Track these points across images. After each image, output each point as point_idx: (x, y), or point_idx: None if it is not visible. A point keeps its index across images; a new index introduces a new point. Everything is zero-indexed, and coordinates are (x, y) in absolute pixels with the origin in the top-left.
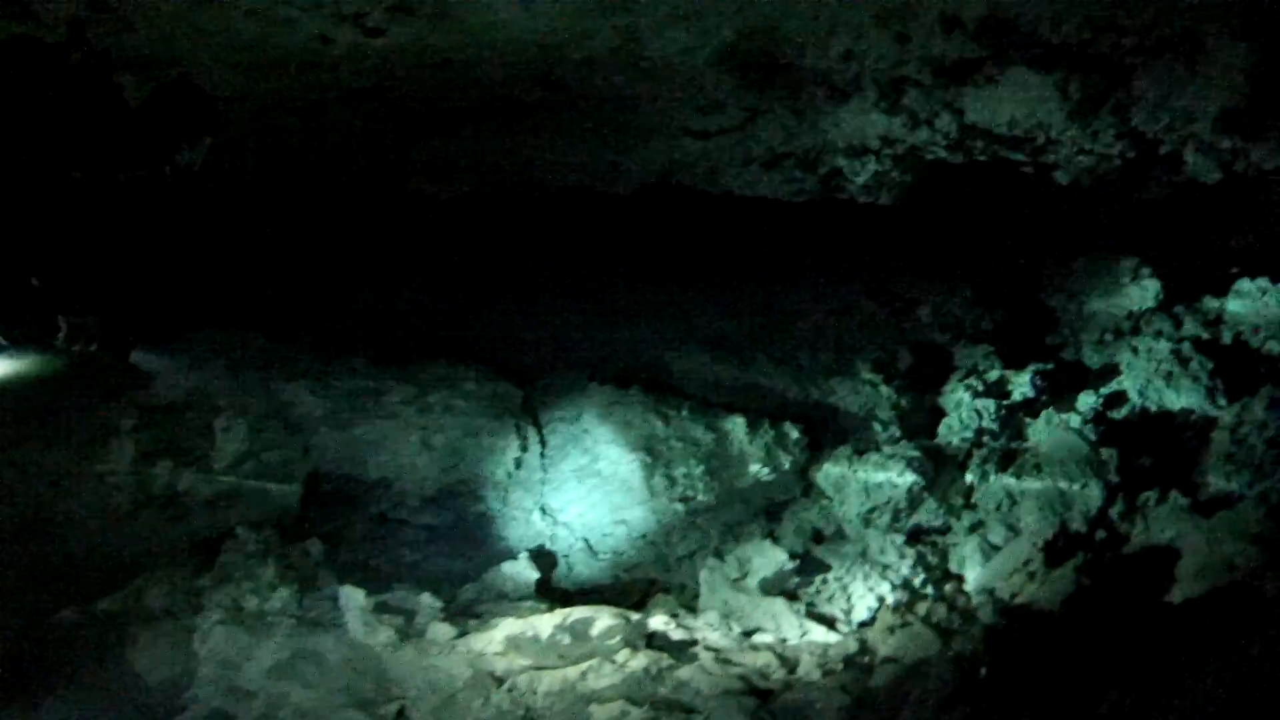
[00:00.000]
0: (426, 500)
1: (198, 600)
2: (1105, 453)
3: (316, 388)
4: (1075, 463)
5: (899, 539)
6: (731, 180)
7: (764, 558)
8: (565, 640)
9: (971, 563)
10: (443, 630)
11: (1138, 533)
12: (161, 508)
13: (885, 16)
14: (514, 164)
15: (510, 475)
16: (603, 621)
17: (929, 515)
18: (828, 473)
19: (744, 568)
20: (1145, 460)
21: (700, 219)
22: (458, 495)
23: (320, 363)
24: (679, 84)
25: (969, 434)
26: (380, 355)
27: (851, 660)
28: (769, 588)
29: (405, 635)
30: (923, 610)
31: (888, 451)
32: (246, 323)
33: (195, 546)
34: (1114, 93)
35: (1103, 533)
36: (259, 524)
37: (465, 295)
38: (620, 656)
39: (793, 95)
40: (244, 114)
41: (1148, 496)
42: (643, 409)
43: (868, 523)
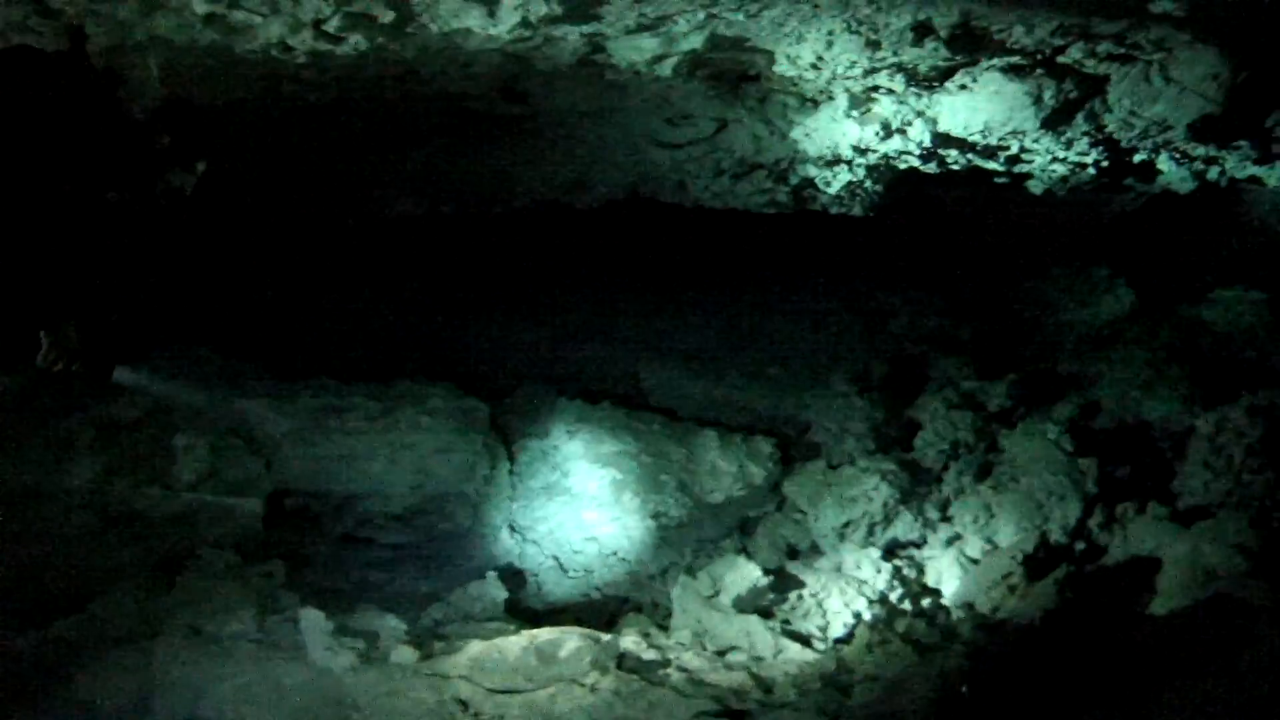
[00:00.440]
0: (393, 519)
1: (156, 623)
2: (1083, 463)
3: (280, 404)
4: (1053, 474)
5: (875, 553)
6: (701, 192)
7: (737, 574)
8: (533, 663)
9: (949, 576)
10: (406, 653)
11: (1117, 544)
12: (121, 527)
13: (855, 24)
14: (480, 179)
15: (479, 492)
16: (571, 643)
17: (905, 529)
18: (801, 487)
19: (717, 585)
20: (1123, 470)
21: (672, 233)
22: (425, 513)
23: (284, 379)
24: (647, 94)
25: (945, 446)
26: (346, 372)
27: (829, 679)
28: (743, 605)
29: (368, 659)
30: (901, 627)
31: (862, 465)
32: (206, 339)
33: (155, 567)
34: (1088, 101)
35: (1082, 544)
36: (220, 544)
37: (433, 312)
38: (590, 679)
39: (763, 105)
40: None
41: (1126, 507)
42: (613, 424)
43: (843, 537)
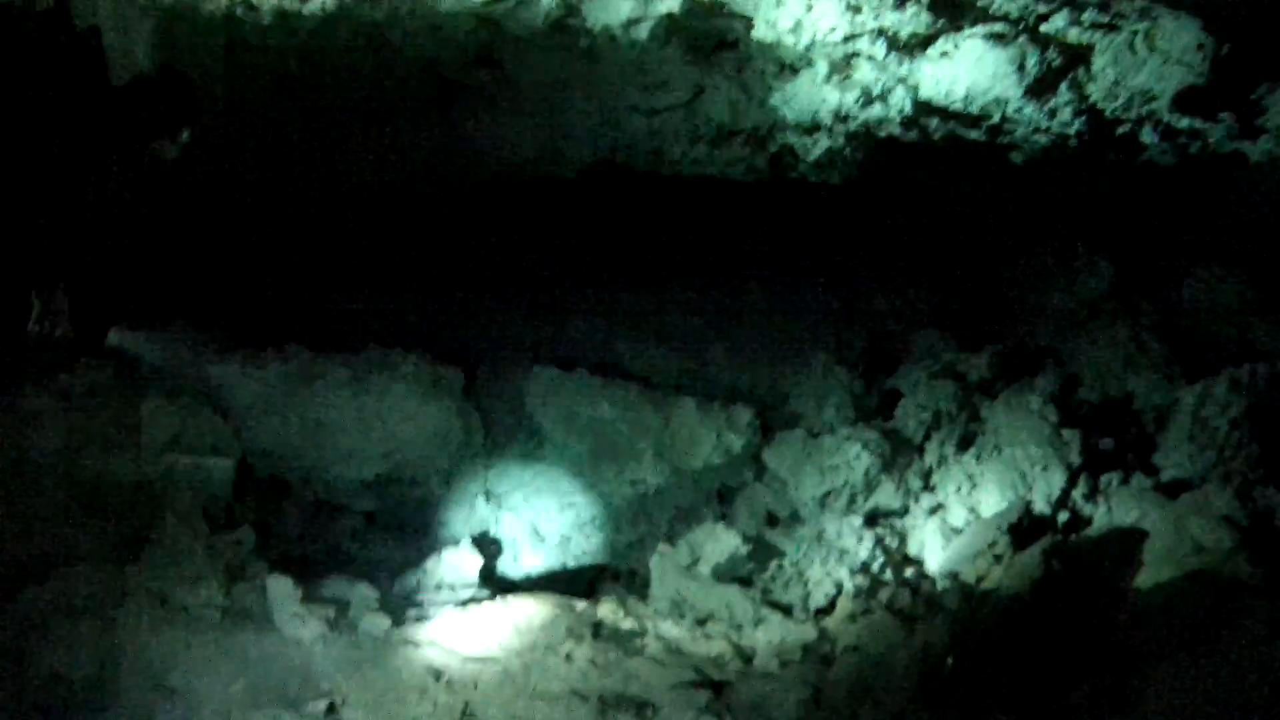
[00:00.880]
0: (364, 486)
1: (123, 593)
2: (1066, 434)
3: (250, 372)
4: (1036, 444)
5: (856, 522)
6: (678, 159)
7: (716, 543)
8: (508, 631)
9: (932, 546)
10: (378, 622)
11: (1101, 515)
12: (88, 496)
13: None
14: (452, 149)
15: (452, 461)
16: (547, 611)
17: (887, 498)
18: (781, 455)
19: (695, 553)
20: (1106, 442)
21: (650, 208)
22: (397, 481)
23: (254, 348)
24: (622, 61)
25: (926, 416)
26: (317, 342)
27: (810, 650)
28: (722, 574)
29: (337, 627)
30: (884, 597)
31: (843, 433)
32: (178, 307)
33: (122, 536)
34: (1071, 69)
35: (1066, 515)
36: (188, 512)
37: (406, 284)
38: (566, 648)
39: (740, 72)
40: None
41: (1110, 478)
42: (589, 392)
43: (823, 506)
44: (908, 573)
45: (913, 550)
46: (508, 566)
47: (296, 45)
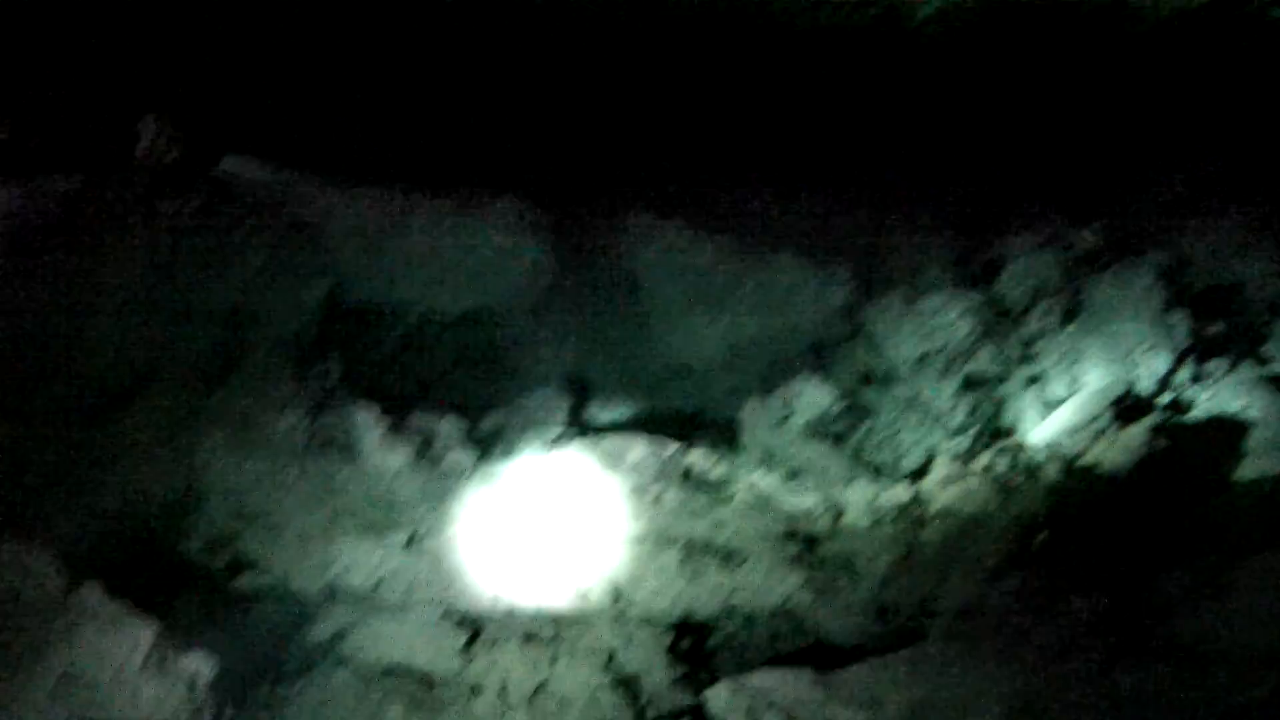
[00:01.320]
0: (454, 323)
1: (208, 419)
2: (1174, 315)
3: (345, 201)
4: (1142, 322)
5: (954, 385)
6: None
7: (810, 398)
8: (596, 469)
9: (1029, 416)
10: (463, 456)
11: (1205, 400)
12: (175, 321)
13: None
14: None
15: (544, 301)
16: (638, 450)
17: (985, 364)
18: (880, 314)
19: (789, 407)
20: (1216, 327)
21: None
22: (489, 319)
23: (346, 181)
24: None
25: (1030, 284)
26: (411, 178)
27: (903, 511)
28: (814, 430)
29: (421, 459)
30: (981, 463)
31: (944, 296)
32: (282, 138)
33: (210, 362)
34: None
35: (1169, 397)
36: (276, 341)
37: (500, 121)
38: (654, 490)
39: None
40: None
41: (1217, 364)
42: (686, 237)
43: (920, 368)
44: (1006, 441)
45: (1009, 419)
46: (597, 409)
47: None
